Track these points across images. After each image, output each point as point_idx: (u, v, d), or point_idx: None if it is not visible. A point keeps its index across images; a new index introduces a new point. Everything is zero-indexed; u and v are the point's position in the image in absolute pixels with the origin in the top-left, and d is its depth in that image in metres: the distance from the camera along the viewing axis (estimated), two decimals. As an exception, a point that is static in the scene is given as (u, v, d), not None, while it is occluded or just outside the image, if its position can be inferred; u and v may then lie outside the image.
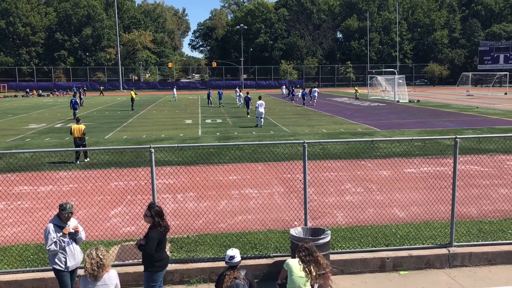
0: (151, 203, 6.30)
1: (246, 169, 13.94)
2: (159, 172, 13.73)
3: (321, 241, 6.94)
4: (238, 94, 44.55)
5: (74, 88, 62.87)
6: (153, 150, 7.39)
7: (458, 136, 7.96)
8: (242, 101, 40.83)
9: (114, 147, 13.75)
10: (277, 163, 14.34)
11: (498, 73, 68.19)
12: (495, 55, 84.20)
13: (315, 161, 13.76)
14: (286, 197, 11.24)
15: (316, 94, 44.64)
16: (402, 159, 14.68)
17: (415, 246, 8.08)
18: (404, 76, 52.42)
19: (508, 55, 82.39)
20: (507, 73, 66.11)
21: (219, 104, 42.98)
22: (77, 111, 32.39)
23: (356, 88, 52.50)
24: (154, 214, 6.03)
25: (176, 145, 7.83)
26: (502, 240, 8.31)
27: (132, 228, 9.39)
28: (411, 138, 8.82)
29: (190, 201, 11.18)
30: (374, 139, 8.80)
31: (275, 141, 20.23)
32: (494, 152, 15.90)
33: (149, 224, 6.13)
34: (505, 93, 56.67)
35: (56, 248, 5.99)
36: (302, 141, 7.74)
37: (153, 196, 7.58)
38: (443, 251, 7.92)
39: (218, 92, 44.35)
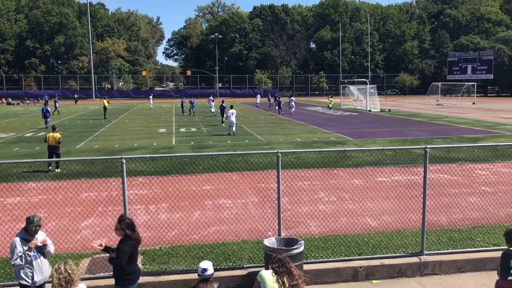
0: (122, 216, 6.20)
1: (220, 179, 13.89)
2: (131, 183, 13.56)
3: (294, 252, 6.95)
4: (211, 103, 44.25)
5: (46, 96, 61.66)
6: (124, 161, 7.28)
7: (428, 146, 8.11)
8: (214, 110, 40.94)
9: (84, 158, 13.49)
10: (252, 172, 14.32)
11: (466, 83, 70.08)
12: (463, 65, 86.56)
13: (289, 170, 13.82)
14: (260, 207, 11.23)
15: (293, 103, 44.86)
16: (374, 168, 14.90)
17: (387, 255, 8.17)
18: (375, 86, 53.32)
19: (475, 66, 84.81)
20: (475, 83, 68.01)
21: (191, 113, 42.68)
22: (48, 119, 31.79)
23: (331, 98, 52.97)
24: (125, 226, 5.93)
25: (148, 155, 7.74)
26: (471, 248, 8.48)
27: (103, 240, 9.18)
28: (382, 148, 8.95)
29: (163, 212, 11.05)
30: (347, 149, 8.90)
31: (250, 151, 20.23)
32: (463, 161, 16.30)
33: (121, 237, 6.03)
34: (473, 103, 58.23)
35: (21, 263, 5.81)
36: (276, 151, 7.76)
37: (125, 208, 7.46)
38: (415, 259, 8.03)
39: (190, 101, 44.05)
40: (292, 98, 46.97)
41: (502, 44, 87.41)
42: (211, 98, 46.61)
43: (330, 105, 50.80)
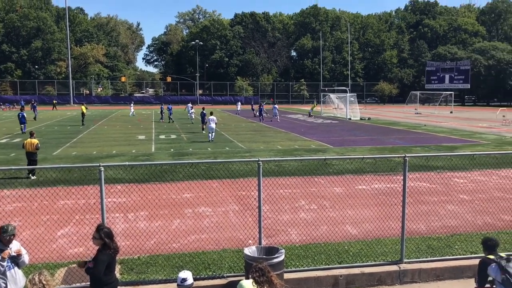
0: (100, 225, 6.07)
1: (200, 187, 13.78)
2: (110, 190, 13.33)
3: (275, 260, 6.90)
4: (190, 110, 43.72)
5: (22, 102, 60.56)
6: (102, 169, 7.14)
7: (407, 155, 8.18)
8: (193, 116, 40.89)
9: (62, 165, 13.23)
10: (232, 180, 14.28)
11: (444, 92, 71.33)
12: (441, 75, 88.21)
13: (270, 178, 13.80)
14: (241, 215, 11.16)
15: (276, 110, 44.77)
16: (354, 176, 14.99)
17: (367, 263, 8.18)
18: (355, 94, 53.83)
19: (453, 75, 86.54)
20: (452, 92, 69.30)
21: (170, 120, 42.30)
22: (25, 125, 31.19)
23: (314, 104, 53.15)
24: (103, 235, 5.80)
25: (127, 163, 7.61)
26: (449, 256, 8.56)
27: (80, 249, 9.03)
28: (362, 156, 9.00)
29: (142, 220, 10.89)
30: (327, 157, 8.92)
31: (230, 159, 20.15)
32: (441, 169, 16.53)
33: (98, 246, 5.90)
34: (451, 112, 59.26)
35: (-6, 274, 5.64)
36: (257, 159, 7.73)
37: (102, 216, 7.32)
38: (394, 267, 8.06)
39: (168, 108, 43.69)
40: (275, 106, 46.86)
41: (478, 55, 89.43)
42: (190, 105, 46.15)
43: (311, 112, 51.10)
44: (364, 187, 14.06)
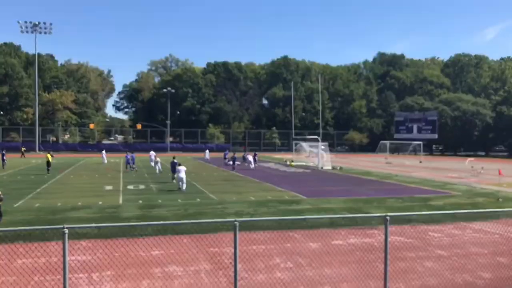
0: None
1: (170, 243, 13.12)
2: (74, 247, 12.53)
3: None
4: (154, 159, 42.04)
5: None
6: (67, 231, 6.58)
7: (388, 214, 7.90)
8: (159, 166, 39.23)
9: (19, 228, 12.46)
10: (203, 235, 13.71)
11: (413, 142, 72.88)
12: (410, 125, 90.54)
13: (243, 232, 13.25)
14: (214, 276, 10.55)
15: (250, 158, 44.42)
16: (329, 230, 14.64)
17: (349, 330, 7.69)
18: (327, 143, 54.30)
19: (421, 125, 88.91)
20: (421, 142, 70.89)
21: (133, 168, 41.25)
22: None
23: (291, 162, 52.87)
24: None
25: (94, 225, 7.07)
26: (433, 320, 8.16)
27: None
28: (342, 215, 8.69)
29: (107, 281, 10.14)
30: (307, 217, 8.57)
31: (201, 211, 19.47)
32: (415, 222, 16.36)
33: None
34: (420, 162, 60.28)
35: None
36: (234, 219, 7.29)
37: (64, 281, 6.68)
38: (378, 335, 7.59)
39: (131, 157, 42.29)
40: (255, 153, 46.52)
41: (445, 106, 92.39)
42: (152, 153, 44.93)
43: (288, 163, 51.33)
44: (340, 242, 13.67)
